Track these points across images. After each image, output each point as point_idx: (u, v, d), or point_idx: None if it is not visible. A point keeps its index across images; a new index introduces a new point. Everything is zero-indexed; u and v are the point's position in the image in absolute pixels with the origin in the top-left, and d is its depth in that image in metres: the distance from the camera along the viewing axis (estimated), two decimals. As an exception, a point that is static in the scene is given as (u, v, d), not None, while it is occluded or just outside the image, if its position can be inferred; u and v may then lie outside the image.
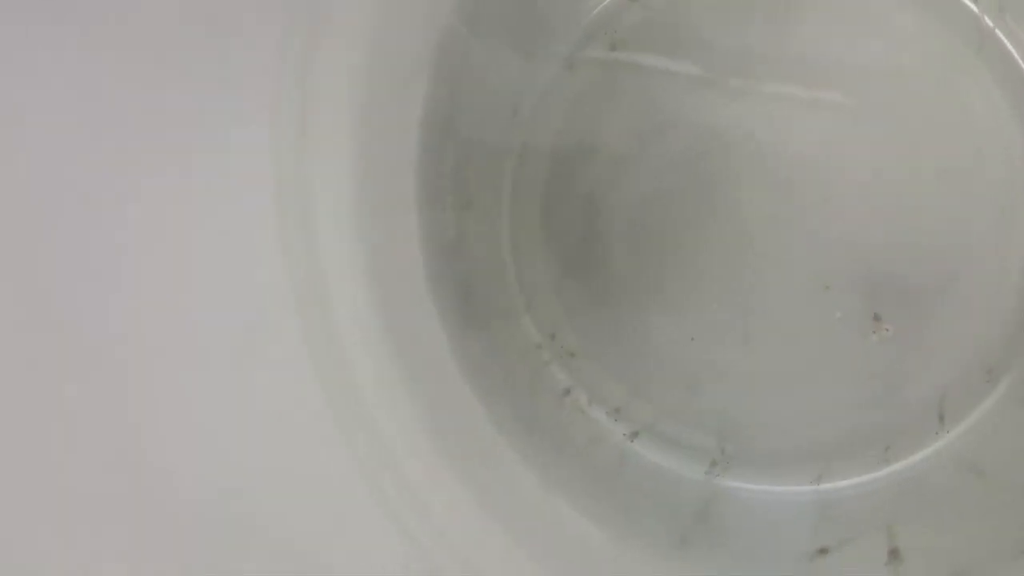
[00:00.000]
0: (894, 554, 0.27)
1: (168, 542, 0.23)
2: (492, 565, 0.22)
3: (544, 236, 0.33)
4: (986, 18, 0.31)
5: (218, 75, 0.23)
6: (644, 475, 0.32)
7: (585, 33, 0.33)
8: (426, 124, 0.26)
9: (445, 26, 0.27)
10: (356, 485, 0.22)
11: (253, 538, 0.24)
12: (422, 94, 0.27)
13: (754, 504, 0.31)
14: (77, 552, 0.24)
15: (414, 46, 0.26)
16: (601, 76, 0.33)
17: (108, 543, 0.24)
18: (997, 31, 0.31)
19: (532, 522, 0.25)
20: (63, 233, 0.24)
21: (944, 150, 0.31)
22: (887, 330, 0.31)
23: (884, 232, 0.31)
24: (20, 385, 0.24)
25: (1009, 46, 0.31)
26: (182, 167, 0.23)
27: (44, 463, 0.24)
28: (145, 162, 0.23)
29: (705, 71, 0.32)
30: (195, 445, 0.24)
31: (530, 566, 0.23)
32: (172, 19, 0.23)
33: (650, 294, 0.33)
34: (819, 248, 0.31)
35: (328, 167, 0.22)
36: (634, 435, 0.32)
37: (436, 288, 0.26)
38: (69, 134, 0.23)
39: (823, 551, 0.29)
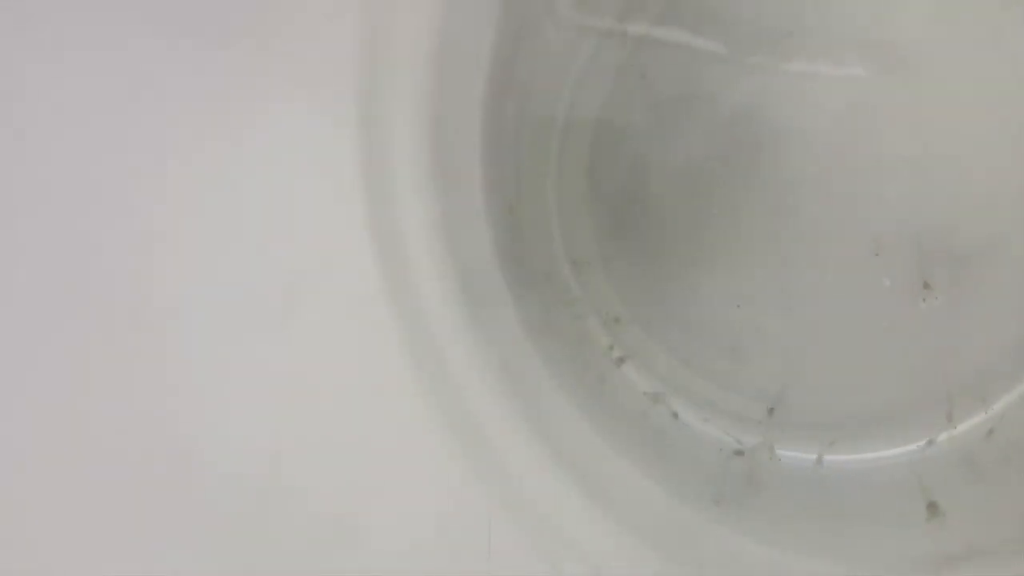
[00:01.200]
0: (932, 509, 0.27)
1: (214, 507, 0.23)
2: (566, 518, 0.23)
3: (589, 202, 0.33)
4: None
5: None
6: (690, 440, 0.32)
7: (625, 8, 0.32)
8: (487, 102, 0.26)
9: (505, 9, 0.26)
10: (430, 442, 0.22)
11: (303, 501, 0.24)
12: (483, 76, 0.27)
13: (797, 471, 0.31)
14: (121, 511, 0.23)
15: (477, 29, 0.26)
16: (638, 52, 0.32)
17: (150, 508, 0.24)
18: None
19: (599, 478, 0.25)
20: (105, 188, 0.23)
21: (990, 113, 0.31)
22: (936, 298, 0.31)
23: (934, 198, 0.31)
24: (72, 350, 0.23)
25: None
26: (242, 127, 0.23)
27: (95, 423, 0.23)
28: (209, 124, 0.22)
29: (738, 49, 0.32)
30: (253, 398, 0.24)
31: (603, 522, 0.23)
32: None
33: (695, 260, 0.32)
34: (868, 214, 0.31)
35: (403, 133, 0.22)
36: (678, 401, 0.32)
37: (499, 251, 0.26)
38: (122, 89, 0.23)
39: (864, 516, 0.29)
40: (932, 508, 0.28)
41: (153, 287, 0.24)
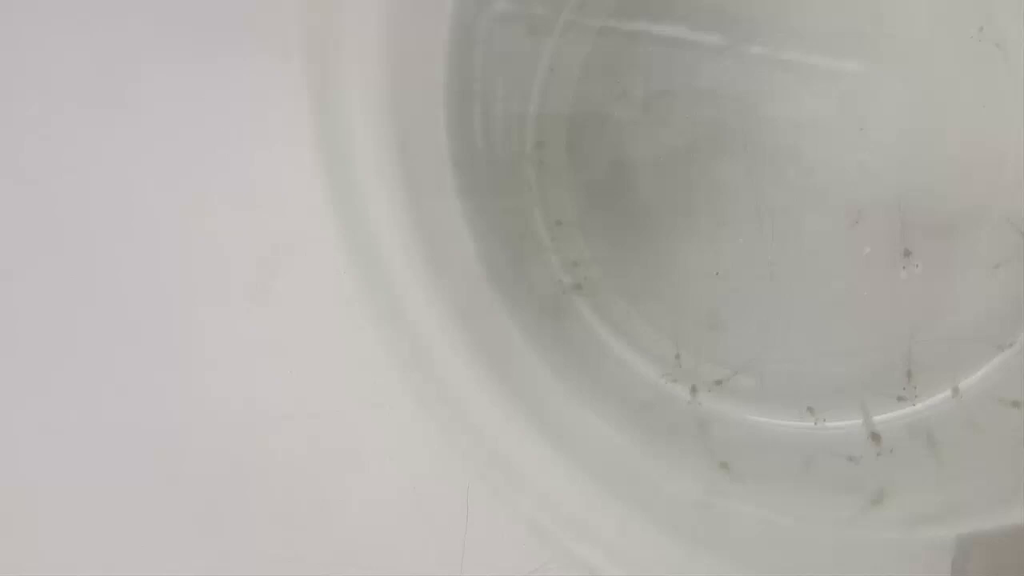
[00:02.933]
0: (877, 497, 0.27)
1: (198, 471, 0.22)
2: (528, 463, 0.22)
3: (570, 164, 0.32)
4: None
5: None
6: (668, 408, 0.31)
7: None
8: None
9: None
10: (403, 411, 0.22)
11: (278, 473, 0.24)
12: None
13: (778, 439, 0.31)
14: (109, 485, 0.23)
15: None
16: (604, 42, 0.32)
17: (121, 480, 0.23)
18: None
19: (564, 429, 0.24)
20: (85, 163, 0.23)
21: (977, 81, 0.30)
22: (916, 266, 0.30)
23: (915, 166, 0.31)
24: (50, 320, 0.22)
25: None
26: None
27: (76, 394, 0.23)
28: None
29: (706, 34, 0.31)
30: (228, 370, 0.23)
31: (564, 466, 0.23)
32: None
33: (674, 227, 0.32)
34: (848, 181, 0.31)
35: (362, 121, 0.21)
36: (658, 368, 0.32)
37: (466, 205, 0.25)
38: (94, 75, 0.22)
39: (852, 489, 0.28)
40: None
41: (123, 262, 0.23)
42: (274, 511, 0.23)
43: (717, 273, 0.32)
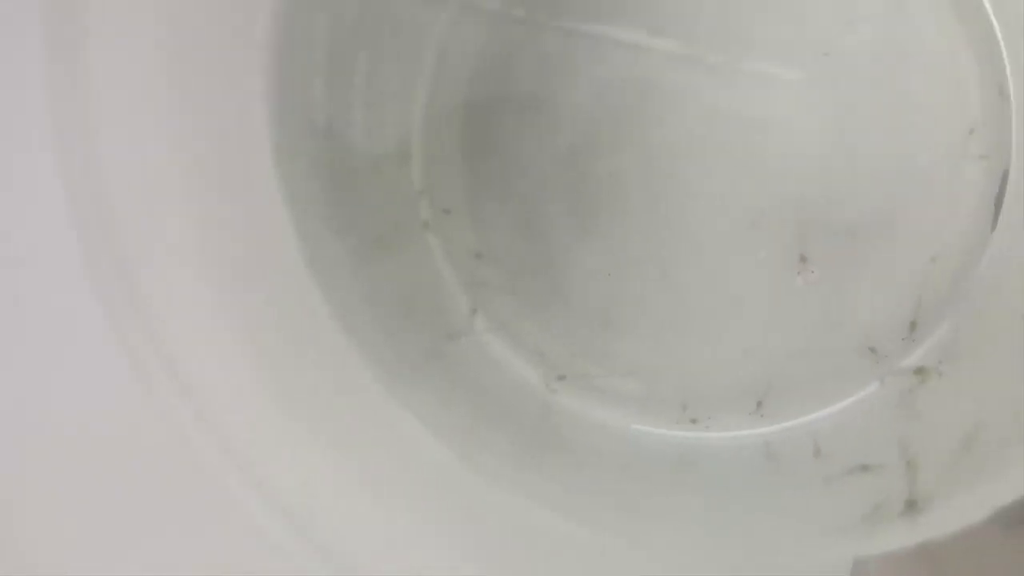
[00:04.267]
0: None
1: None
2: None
3: (462, 158, 0.31)
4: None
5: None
6: (562, 418, 0.30)
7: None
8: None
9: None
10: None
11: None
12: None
13: (676, 449, 0.29)
14: None
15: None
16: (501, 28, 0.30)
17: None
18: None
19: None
20: None
21: (885, 86, 0.30)
22: (813, 272, 0.29)
23: (816, 170, 0.30)
24: None
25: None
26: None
27: None
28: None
29: (625, 30, 0.30)
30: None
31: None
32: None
33: (568, 225, 0.30)
34: (747, 183, 0.30)
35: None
36: (548, 375, 0.30)
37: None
38: None
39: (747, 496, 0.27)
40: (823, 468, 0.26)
41: None
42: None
43: (610, 273, 0.30)
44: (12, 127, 0.20)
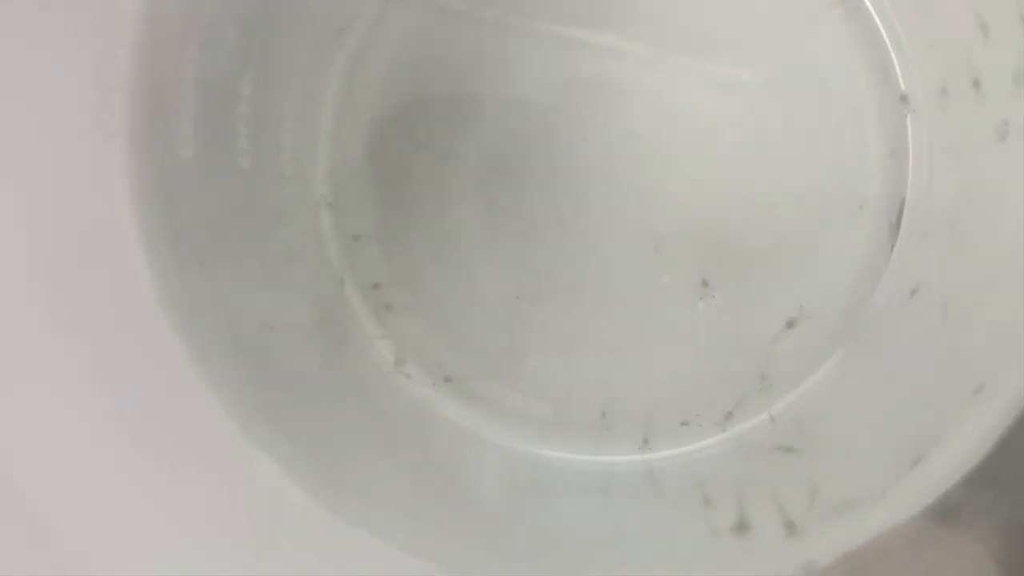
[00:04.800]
0: (708, 502, 0.26)
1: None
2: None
3: (372, 176, 0.30)
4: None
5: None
6: (466, 442, 0.30)
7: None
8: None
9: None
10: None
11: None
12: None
13: (579, 473, 0.30)
14: None
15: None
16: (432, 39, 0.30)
17: None
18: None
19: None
20: None
21: (787, 113, 0.30)
22: (714, 297, 0.30)
23: (720, 194, 0.30)
24: None
25: (873, 12, 0.30)
26: None
27: None
28: None
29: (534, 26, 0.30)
30: None
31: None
32: None
33: (476, 247, 0.30)
34: (653, 206, 0.30)
35: None
36: (455, 398, 0.30)
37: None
38: None
39: (647, 519, 0.27)
40: (708, 501, 0.27)
41: None
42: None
43: (518, 297, 0.30)
44: None
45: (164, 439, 0.20)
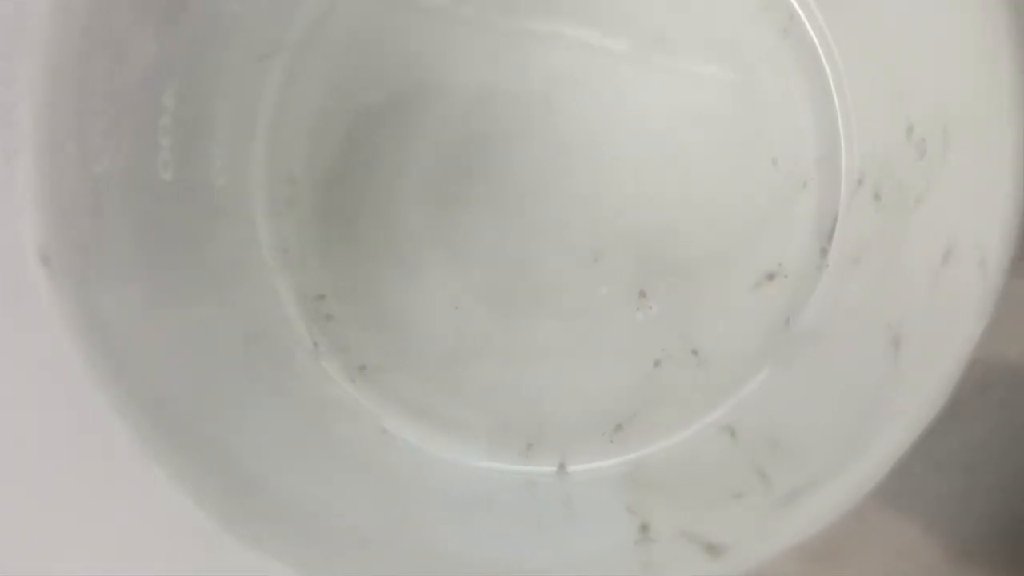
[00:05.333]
0: (644, 529, 0.26)
1: None
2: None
3: (309, 180, 0.30)
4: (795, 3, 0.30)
5: None
6: (401, 455, 0.30)
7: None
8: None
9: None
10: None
11: None
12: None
13: (510, 485, 0.29)
14: None
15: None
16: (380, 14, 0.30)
17: None
18: (802, 14, 0.30)
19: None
20: None
21: (729, 130, 0.30)
22: (651, 308, 0.29)
23: (658, 206, 0.30)
24: None
25: (811, 31, 0.30)
26: None
27: None
28: None
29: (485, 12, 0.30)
30: None
31: None
32: None
33: (414, 257, 0.30)
34: (591, 217, 0.30)
35: None
36: (389, 409, 0.30)
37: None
38: None
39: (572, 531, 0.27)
40: (644, 528, 0.26)
41: None
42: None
43: (457, 307, 0.30)
44: None
45: (66, 459, 0.19)
